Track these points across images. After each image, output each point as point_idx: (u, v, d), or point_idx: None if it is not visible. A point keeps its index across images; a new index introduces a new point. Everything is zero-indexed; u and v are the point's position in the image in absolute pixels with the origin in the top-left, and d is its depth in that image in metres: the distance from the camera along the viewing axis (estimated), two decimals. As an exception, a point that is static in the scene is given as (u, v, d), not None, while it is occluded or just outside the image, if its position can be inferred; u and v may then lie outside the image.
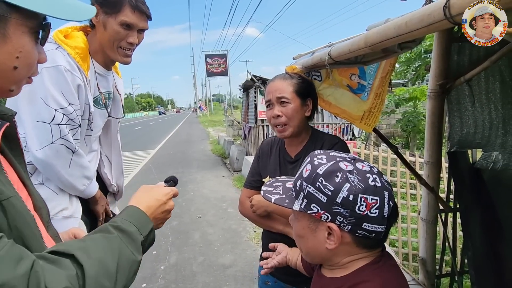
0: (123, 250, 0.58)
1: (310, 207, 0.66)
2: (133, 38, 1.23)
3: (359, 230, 0.64)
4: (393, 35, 0.64)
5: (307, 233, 0.69)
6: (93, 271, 0.50)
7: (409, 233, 2.91)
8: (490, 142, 1.65)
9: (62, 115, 1.13)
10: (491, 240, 1.68)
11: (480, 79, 1.62)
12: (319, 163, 0.67)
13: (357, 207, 0.62)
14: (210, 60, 24.32)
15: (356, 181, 0.63)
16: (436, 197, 1.65)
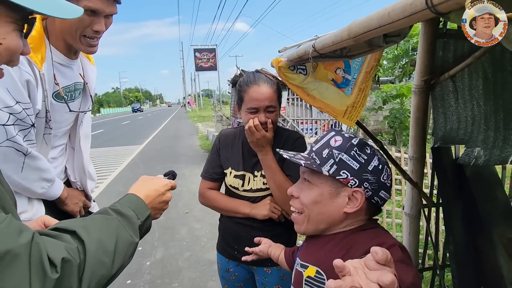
0: (121, 231, 0.61)
1: (339, 173, 0.73)
2: (99, 25, 1.07)
3: (375, 197, 0.75)
4: (376, 26, 0.62)
5: (326, 198, 0.76)
6: (93, 247, 0.54)
7: (393, 228, 2.96)
8: (472, 138, 1.68)
9: (8, 114, 1.00)
10: (472, 235, 1.71)
11: (464, 75, 1.64)
12: (350, 136, 0.77)
13: (382, 176, 0.74)
14: (199, 54, 24.03)
15: (380, 155, 0.77)
16: (420, 192, 1.67)
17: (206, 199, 1.37)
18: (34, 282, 0.45)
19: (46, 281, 0.46)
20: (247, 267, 1.35)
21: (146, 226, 0.71)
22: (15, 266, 0.44)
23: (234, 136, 1.37)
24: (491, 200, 1.74)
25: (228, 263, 1.38)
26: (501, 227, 1.68)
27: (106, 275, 0.55)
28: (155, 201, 0.76)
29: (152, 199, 0.75)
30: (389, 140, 10.02)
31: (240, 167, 1.30)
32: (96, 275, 0.53)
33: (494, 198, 1.75)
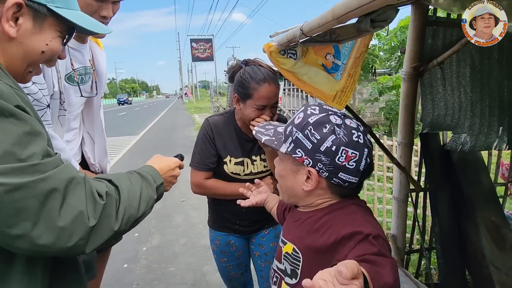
0: (143, 186, 0.74)
1: (295, 151, 0.72)
2: (107, 11, 1.10)
3: (335, 178, 0.71)
4: (356, 6, 0.66)
5: (288, 174, 0.77)
6: (124, 191, 0.67)
7: (384, 214, 3.03)
8: (459, 124, 1.72)
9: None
10: (457, 218, 1.78)
11: (452, 63, 1.68)
12: (312, 113, 0.72)
13: (337, 158, 0.68)
14: (195, 44, 23.82)
15: (342, 134, 0.69)
16: (407, 176, 1.72)
17: (206, 188, 1.37)
18: (89, 203, 0.58)
19: (96, 204, 0.60)
20: (246, 236, 1.44)
21: (160, 191, 0.81)
22: (77, 189, 0.58)
23: (224, 123, 1.36)
24: (476, 184, 1.80)
25: (228, 237, 1.44)
26: (484, 210, 1.75)
27: (133, 215, 0.68)
28: (166, 174, 0.86)
29: (165, 172, 0.86)
30: (384, 132, 10.10)
31: (238, 154, 1.33)
32: (127, 212, 0.65)
33: (479, 183, 1.81)
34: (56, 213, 0.54)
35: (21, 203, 0.51)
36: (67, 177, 0.57)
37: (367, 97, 10.87)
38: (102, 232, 0.60)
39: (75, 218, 0.56)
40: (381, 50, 9.12)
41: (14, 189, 0.50)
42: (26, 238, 0.53)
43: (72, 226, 0.56)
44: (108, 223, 0.61)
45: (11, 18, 0.61)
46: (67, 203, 0.55)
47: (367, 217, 0.72)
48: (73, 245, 0.56)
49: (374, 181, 3.26)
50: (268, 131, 0.82)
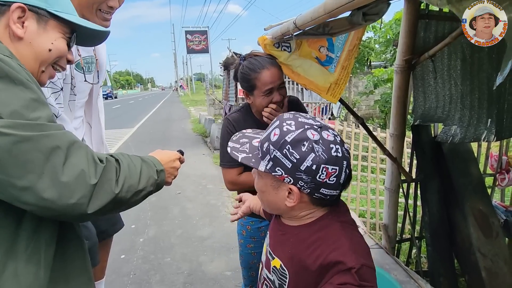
0: (143, 166, 0.77)
1: (275, 170, 0.70)
2: (114, 1, 1.17)
3: (316, 193, 0.70)
4: (346, 1, 0.68)
5: (269, 189, 0.75)
6: (124, 164, 0.72)
7: (377, 205, 3.09)
8: (450, 116, 1.76)
9: None
10: (446, 206, 1.83)
11: (444, 56, 1.71)
12: (288, 129, 0.70)
13: (318, 176, 0.67)
14: (190, 36, 23.58)
15: (321, 152, 0.67)
16: (399, 167, 1.76)
17: (240, 184, 1.37)
18: (90, 164, 0.63)
19: (97, 166, 0.64)
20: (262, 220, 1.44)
21: (161, 177, 0.83)
22: (79, 151, 0.63)
23: (244, 118, 1.36)
24: (465, 175, 1.86)
25: (261, 223, 1.46)
26: (473, 199, 1.80)
27: (134, 186, 0.72)
28: (167, 165, 0.89)
29: (165, 163, 0.88)
30: (379, 124, 10.18)
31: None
32: (127, 181, 0.70)
33: (468, 173, 1.87)
34: (60, 169, 0.59)
35: (27, 156, 0.57)
36: (70, 140, 0.62)
37: (362, 90, 10.90)
38: (104, 193, 0.64)
39: (78, 176, 0.60)
40: (376, 43, 9.13)
41: (21, 140, 0.56)
42: (31, 190, 0.57)
43: (74, 183, 0.60)
44: (109, 185, 0.66)
45: (17, 21, 0.69)
46: (69, 161, 0.60)
47: (352, 242, 0.70)
48: (76, 202, 0.60)
49: (367, 173, 3.32)
50: (243, 146, 0.80)
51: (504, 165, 2.11)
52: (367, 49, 9.31)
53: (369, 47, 9.39)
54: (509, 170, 2.10)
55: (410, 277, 1.62)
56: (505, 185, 2.11)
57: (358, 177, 3.45)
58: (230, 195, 4.18)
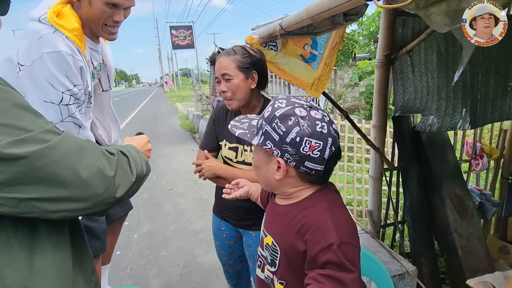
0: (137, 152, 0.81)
1: (265, 143, 0.77)
2: (119, 16, 1.24)
3: (301, 167, 0.76)
4: (326, 8, 0.75)
5: (262, 164, 0.82)
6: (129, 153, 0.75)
7: (363, 193, 3.23)
8: (427, 107, 1.88)
9: (69, 96, 1.19)
10: (425, 191, 1.96)
11: (421, 50, 1.81)
12: (279, 106, 0.77)
13: (301, 148, 0.73)
14: (175, 32, 23.28)
15: (306, 126, 0.73)
16: (381, 156, 1.87)
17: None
18: (103, 161, 0.65)
19: (111, 160, 0.67)
20: (235, 227, 1.47)
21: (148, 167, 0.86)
22: (88, 151, 0.63)
23: (227, 109, 1.38)
24: (443, 161, 1.99)
25: (220, 222, 1.50)
26: (449, 184, 1.94)
27: (140, 170, 0.75)
28: (143, 149, 0.95)
29: (141, 147, 0.94)
30: (365, 115, 10.39)
31: (233, 140, 1.33)
32: (137, 167, 0.74)
33: (445, 160, 2.00)
34: (79, 172, 0.60)
35: (45, 170, 0.57)
36: (74, 142, 0.63)
37: (348, 82, 11.09)
38: (123, 181, 0.68)
39: (96, 174, 0.62)
40: (360, 35, 9.29)
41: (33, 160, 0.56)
42: (61, 199, 0.59)
43: (96, 181, 0.62)
44: (126, 175, 0.69)
45: None
46: (84, 163, 0.62)
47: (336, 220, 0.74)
48: (104, 196, 0.63)
49: (353, 163, 3.45)
50: (243, 125, 0.87)
51: (478, 152, 2.26)
52: (351, 41, 9.48)
53: (353, 40, 9.55)
54: (483, 156, 2.24)
55: (393, 258, 1.74)
56: (479, 170, 2.26)
57: (344, 167, 3.58)
58: (221, 189, 4.25)
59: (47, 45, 1.12)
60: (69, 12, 1.21)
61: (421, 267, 1.83)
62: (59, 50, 1.13)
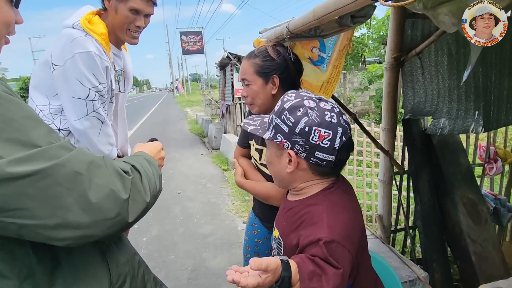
0: (151, 166, 0.76)
1: (276, 136, 0.78)
2: (140, 22, 1.40)
3: (312, 158, 0.76)
4: (332, 9, 0.75)
5: (274, 159, 0.83)
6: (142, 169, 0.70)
7: (373, 198, 3.18)
8: (438, 110, 1.85)
9: (95, 92, 1.33)
10: (437, 195, 1.92)
11: (431, 52, 1.79)
12: (288, 99, 0.78)
13: (311, 137, 0.74)
14: (185, 37, 23.61)
15: (314, 116, 0.74)
16: (391, 159, 1.84)
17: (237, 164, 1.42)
18: (116, 181, 0.59)
19: (125, 181, 0.61)
20: (266, 230, 1.44)
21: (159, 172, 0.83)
22: (101, 170, 0.57)
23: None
24: (455, 165, 1.94)
25: (255, 219, 1.48)
26: (462, 188, 1.89)
27: (155, 189, 0.70)
28: (156, 157, 0.90)
29: (154, 155, 0.89)
30: (375, 120, 10.27)
31: (259, 141, 1.31)
32: (150, 185, 0.68)
33: (458, 163, 1.96)
34: (87, 195, 0.54)
35: (48, 192, 0.51)
36: (87, 160, 0.57)
37: (357, 86, 10.98)
38: (137, 204, 0.62)
39: (107, 196, 0.56)
40: (370, 39, 9.22)
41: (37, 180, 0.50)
42: (65, 225, 0.53)
43: (106, 204, 0.56)
44: (140, 196, 0.63)
45: None
46: (95, 183, 0.55)
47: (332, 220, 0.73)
48: (114, 221, 0.57)
49: (363, 167, 3.40)
50: (255, 122, 0.88)
51: (492, 155, 2.20)
52: (361, 45, 9.39)
53: (363, 43, 9.47)
54: (497, 159, 2.19)
55: (404, 264, 1.70)
56: (493, 174, 2.20)
57: (354, 171, 3.54)
58: (229, 193, 4.26)
59: (79, 46, 1.27)
60: (98, 21, 1.38)
61: (433, 273, 1.78)
62: (89, 50, 1.28)
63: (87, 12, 1.39)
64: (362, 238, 0.81)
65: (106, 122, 1.43)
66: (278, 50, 1.16)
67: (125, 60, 1.63)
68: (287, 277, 0.63)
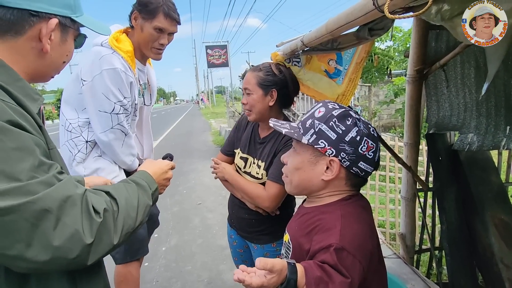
0: (139, 194, 0.75)
1: (317, 142, 0.77)
2: (164, 40, 1.47)
3: (354, 167, 0.77)
4: (344, 22, 0.74)
5: (306, 165, 0.81)
6: (123, 203, 0.68)
7: (396, 215, 3.04)
8: (465, 124, 1.76)
9: (120, 106, 1.40)
10: (464, 215, 1.80)
11: (456, 64, 1.72)
12: (333, 107, 0.79)
13: (360, 147, 0.75)
14: (211, 51, 24.31)
15: (362, 127, 0.77)
16: (414, 175, 1.76)
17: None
18: (84, 222, 0.58)
19: (93, 223, 0.59)
20: (241, 239, 1.48)
21: (154, 197, 0.82)
22: (73, 209, 0.57)
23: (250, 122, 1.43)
24: (485, 183, 1.82)
25: (231, 230, 1.54)
26: (494, 208, 1.76)
27: (132, 226, 0.68)
28: (160, 178, 0.89)
29: (158, 176, 0.87)
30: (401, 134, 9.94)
31: (245, 150, 1.39)
32: (126, 224, 0.66)
33: (488, 182, 1.83)
34: (51, 233, 0.54)
35: (12, 226, 0.52)
36: (61, 197, 0.56)
37: (383, 99, 10.74)
38: (101, 247, 0.61)
39: (71, 236, 0.56)
40: (396, 51, 9.04)
41: (3, 214, 0.51)
42: (22, 258, 0.53)
43: (68, 244, 0.55)
44: (107, 237, 0.62)
45: (48, 35, 0.65)
46: (62, 222, 0.55)
47: (345, 228, 0.72)
48: (72, 261, 0.57)
49: (386, 182, 3.28)
50: (284, 125, 0.87)
51: (528, 173, 2.05)
52: (386, 57, 9.24)
53: (388, 56, 9.31)
54: (533, 178, 2.03)
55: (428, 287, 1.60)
56: (529, 194, 2.04)
57: (376, 186, 3.41)
58: (249, 205, 4.23)
59: (106, 63, 1.35)
60: (125, 39, 1.46)
61: (461, 299, 1.66)
62: (115, 67, 1.35)
63: (116, 31, 1.46)
64: (376, 254, 0.79)
65: (129, 134, 1.50)
66: (280, 68, 1.26)
67: (149, 74, 1.70)
68: (292, 280, 0.62)
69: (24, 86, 0.64)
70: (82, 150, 1.46)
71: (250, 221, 1.37)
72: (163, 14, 1.41)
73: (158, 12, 1.40)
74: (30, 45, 0.65)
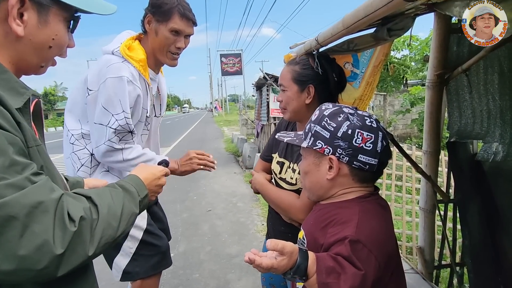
0: (125, 202, 0.70)
1: (315, 143, 0.79)
2: (181, 43, 1.37)
3: (355, 162, 0.76)
4: (362, 16, 0.70)
5: (312, 168, 0.82)
6: (104, 210, 0.63)
7: (413, 227, 2.91)
8: (489, 133, 1.66)
9: (115, 120, 1.28)
10: (489, 230, 1.69)
11: (479, 70, 1.63)
12: (326, 108, 0.81)
13: (354, 140, 0.75)
14: (225, 59, 24.60)
15: (355, 120, 0.76)
16: (433, 186, 1.67)
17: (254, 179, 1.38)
18: (56, 231, 0.53)
19: (66, 233, 0.55)
20: None
21: (144, 203, 0.78)
22: (44, 215, 0.53)
23: (289, 123, 1.34)
24: (511, 195, 1.71)
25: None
26: (521, 223, 1.64)
27: (112, 236, 0.63)
28: (151, 184, 0.84)
29: (149, 182, 0.83)
30: (418, 144, 9.69)
31: (282, 154, 1.27)
32: (105, 233, 0.61)
33: (515, 195, 1.72)
34: (16, 242, 0.50)
35: None
36: (31, 202, 0.52)
37: (398, 108, 10.54)
38: (74, 258, 0.56)
39: (40, 246, 0.52)
40: (412, 60, 8.88)
41: None
42: None
43: (35, 255, 0.51)
44: (81, 248, 0.57)
45: (17, 16, 0.59)
46: (30, 230, 0.51)
47: (362, 222, 0.71)
48: (40, 273, 0.53)
49: (402, 193, 3.15)
50: (289, 135, 0.91)
51: (558, 187, 1.91)
52: (402, 67, 9.08)
53: (404, 65, 9.15)
54: None
55: (449, 306, 1.49)
56: (560, 209, 1.90)
57: (392, 197, 3.28)
58: (259, 213, 4.16)
59: (113, 71, 1.25)
60: (138, 46, 1.37)
61: (486, 321, 1.54)
62: (121, 75, 1.25)
63: (127, 38, 1.37)
64: (394, 256, 0.77)
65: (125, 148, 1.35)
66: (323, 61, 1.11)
67: (160, 83, 1.60)
68: (303, 265, 0.62)
69: (9, 78, 0.60)
70: (86, 164, 1.36)
71: (286, 236, 1.18)
72: (179, 14, 1.31)
73: (173, 12, 1.31)
74: (4, 30, 0.60)
